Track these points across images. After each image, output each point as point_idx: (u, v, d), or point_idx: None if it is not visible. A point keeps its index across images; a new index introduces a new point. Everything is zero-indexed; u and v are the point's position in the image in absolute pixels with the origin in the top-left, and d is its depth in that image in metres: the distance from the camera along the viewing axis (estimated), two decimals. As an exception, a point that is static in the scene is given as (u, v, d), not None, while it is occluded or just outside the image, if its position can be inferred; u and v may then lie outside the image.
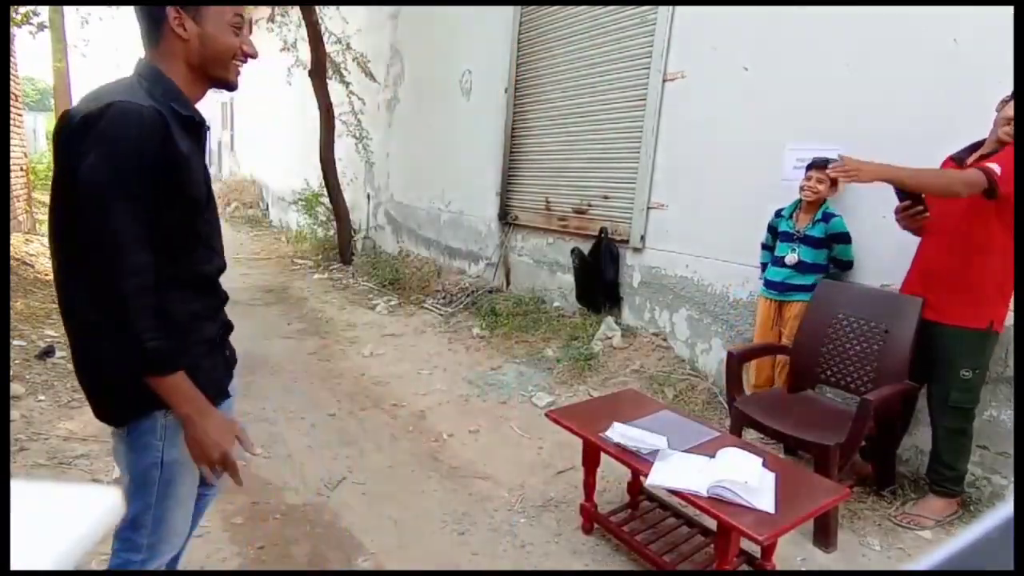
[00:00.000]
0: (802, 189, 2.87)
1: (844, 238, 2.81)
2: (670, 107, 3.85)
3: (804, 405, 2.61)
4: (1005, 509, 0.31)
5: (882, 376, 2.46)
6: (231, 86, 1.21)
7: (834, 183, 2.76)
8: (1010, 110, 2.13)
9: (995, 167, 2.03)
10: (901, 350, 2.42)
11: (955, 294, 2.22)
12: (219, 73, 1.19)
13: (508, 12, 5.28)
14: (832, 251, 2.87)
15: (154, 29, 1.13)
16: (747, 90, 3.36)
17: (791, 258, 2.90)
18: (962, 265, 2.21)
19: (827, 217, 2.84)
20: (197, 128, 1.19)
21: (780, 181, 3.18)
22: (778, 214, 3.05)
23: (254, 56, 1.22)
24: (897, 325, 2.44)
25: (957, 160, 2.30)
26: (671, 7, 3.77)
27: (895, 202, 2.59)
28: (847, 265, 2.86)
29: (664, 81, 3.85)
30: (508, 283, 5.50)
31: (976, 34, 2.47)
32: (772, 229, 3.08)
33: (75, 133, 1.03)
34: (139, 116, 1.03)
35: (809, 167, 2.87)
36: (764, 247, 3.15)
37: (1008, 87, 2.31)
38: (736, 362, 2.61)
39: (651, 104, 3.94)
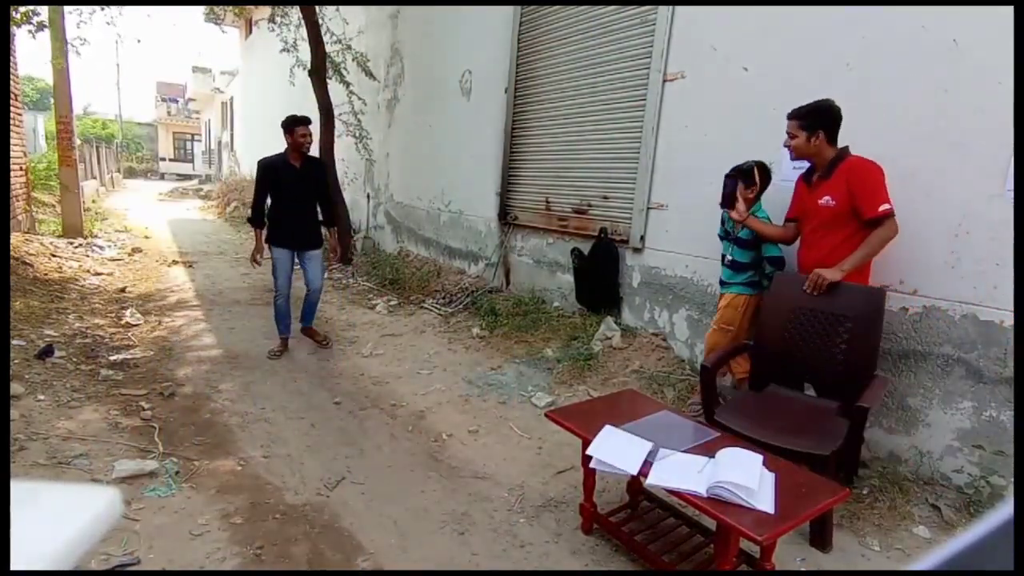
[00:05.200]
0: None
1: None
2: (670, 107, 3.85)
3: (780, 406, 2.55)
4: (1005, 509, 0.31)
5: (850, 368, 2.46)
6: (302, 152, 4.05)
7: (750, 189, 2.98)
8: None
9: (887, 207, 2.45)
10: (868, 341, 2.43)
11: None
12: (300, 149, 4.04)
13: (508, 12, 5.28)
14: (762, 250, 3.07)
15: (285, 137, 4.04)
16: (747, 90, 3.36)
17: (728, 258, 3.18)
18: (833, 259, 2.58)
19: None
20: (286, 166, 4.03)
21: (779, 181, 3.18)
22: (725, 215, 3.18)
23: (308, 143, 4.09)
24: (860, 316, 2.45)
25: (806, 180, 2.76)
26: (671, 7, 3.77)
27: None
28: (775, 261, 3.04)
29: (664, 81, 3.85)
30: (508, 283, 5.50)
31: (976, 34, 2.47)
32: (724, 223, 3.27)
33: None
34: (264, 162, 4.08)
35: (732, 176, 3.02)
36: (721, 235, 3.34)
37: (1008, 87, 2.31)
38: (710, 374, 2.55)
39: (651, 104, 3.94)
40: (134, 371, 3.66)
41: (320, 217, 4.29)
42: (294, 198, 4.02)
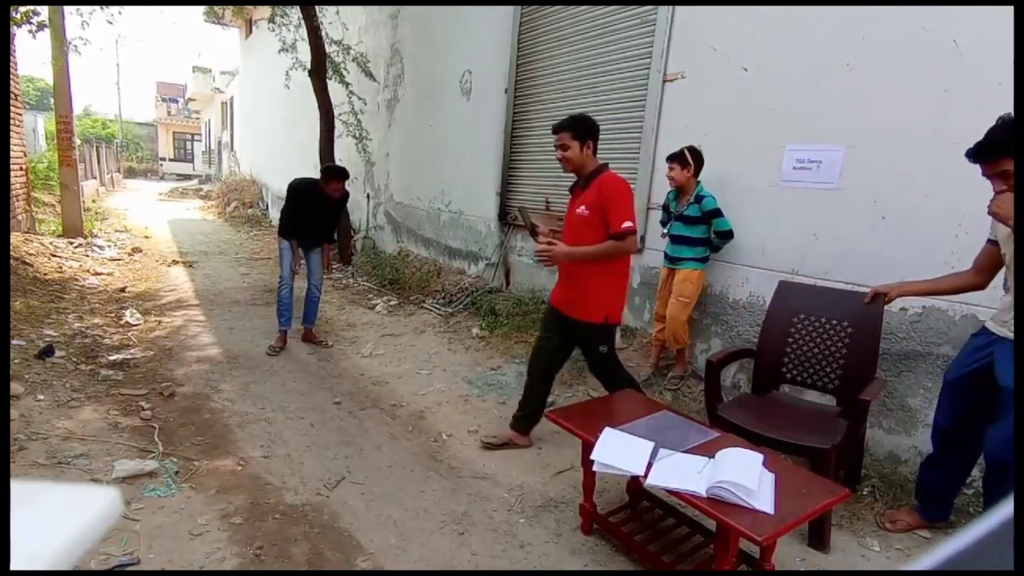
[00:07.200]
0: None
1: (717, 213, 3.32)
2: (670, 107, 3.85)
3: (780, 408, 2.60)
4: (1005, 509, 0.31)
5: (850, 373, 2.49)
6: (328, 192, 4.19)
7: (686, 169, 3.37)
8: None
9: (629, 224, 2.48)
10: (868, 346, 2.46)
11: (576, 297, 2.70)
12: (328, 189, 4.19)
13: (508, 12, 5.28)
14: (712, 225, 3.37)
15: (320, 181, 4.26)
16: (747, 90, 3.36)
17: (675, 235, 3.50)
18: (584, 277, 2.66)
19: (699, 199, 3.37)
20: (318, 194, 4.20)
21: (780, 181, 3.18)
22: (669, 196, 3.58)
23: (337, 197, 4.30)
24: (861, 323, 2.49)
25: (572, 190, 2.82)
26: (671, 7, 3.77)
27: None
28: (726, 235, 3.34)
29: (664, 81, 3.85)
30: (508, 283, 5.50)
31: (976, 34, 2.47)
32: (665, 207, 3.64)
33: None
34: (295, 185, 4.28)
35: (668, 159, 3.44)
36: (661, 222, 3.69)
37: (1008, 87, 2.31)
38: (716, 369, 2.58)
39: (651, 104, 3.94)
40: (134, 371, 3.66)
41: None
42: (317, 217, 4.35)
